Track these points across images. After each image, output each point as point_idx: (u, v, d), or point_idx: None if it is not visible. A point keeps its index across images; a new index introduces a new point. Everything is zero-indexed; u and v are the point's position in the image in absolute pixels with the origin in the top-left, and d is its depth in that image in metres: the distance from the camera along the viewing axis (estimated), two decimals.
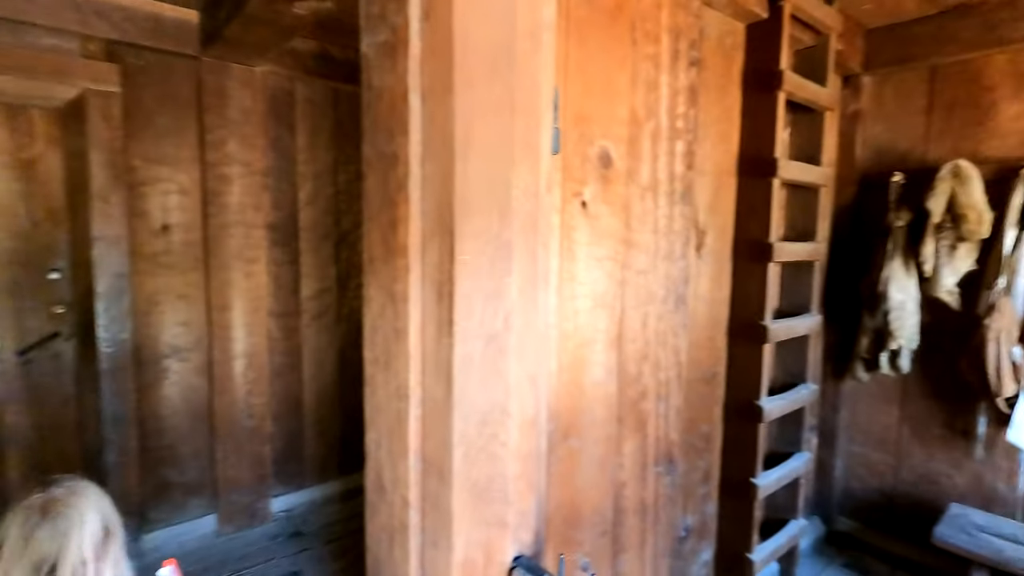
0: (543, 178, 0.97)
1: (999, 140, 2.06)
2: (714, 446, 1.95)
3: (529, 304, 0.97)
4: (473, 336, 0.92)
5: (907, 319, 2.16)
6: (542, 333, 1.01)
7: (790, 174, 1.83)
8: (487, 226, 0.91)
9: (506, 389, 0.95)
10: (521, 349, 0.96)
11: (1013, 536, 1.91)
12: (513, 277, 0.93)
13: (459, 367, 0.93)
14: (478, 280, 0.92)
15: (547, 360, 1.08)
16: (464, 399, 0.93)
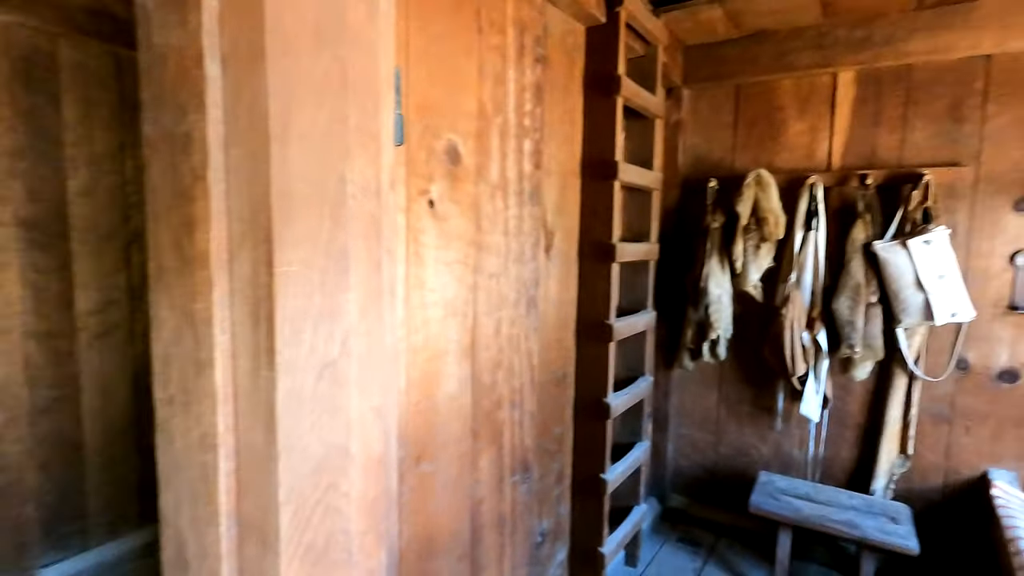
0: (386, 173, 0.82)
1: (788, 153, 2.38)
2: (566, 447, 1.96)
3: (373, 322, 0.81)
4: (302, 367, 0.74)
5: (723, 311, 2.40)
6: (389, 354, 0.86)
7: (629, 177, 1.89)
8: (316, 230, 0.73)
9: (347, 427, 0.78)
10: (364, 377, 0.80)
11: (807, 495, 2.22)
12: (352, 292, 0.77)
13: (284, 406, 0.74)
14: (307, 297, 0.74)
15: (396, 384, 0.93)
16: (293, 445, 0.75)
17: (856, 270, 2.15)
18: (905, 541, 1.91)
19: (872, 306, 2.15)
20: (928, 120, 2.11)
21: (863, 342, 2.14)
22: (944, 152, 2.09)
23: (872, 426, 2.28)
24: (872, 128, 2.21)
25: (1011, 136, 1.99)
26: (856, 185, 2.20)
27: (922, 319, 2.03)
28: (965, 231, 2.07)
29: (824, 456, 2.39)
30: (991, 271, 2.05)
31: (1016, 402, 2.04)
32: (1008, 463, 2.06)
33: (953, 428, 2.15)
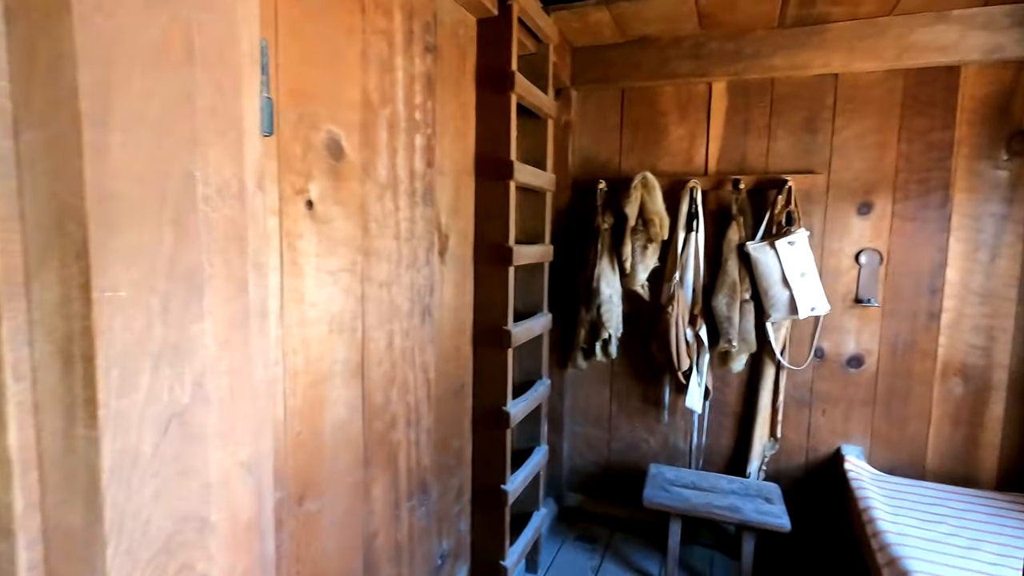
0: (251, 169, 0.66)
1: (670, 157, 2.48)
2: (465, 460, 1.86)
3: (238, 355, 0.65)
4: (138, 420, 0.57)
5: (614, 311, 2.45)
6: (262, 390, 0.70)
7: (524, 178, 1.84)
8: (154, 242, 0.56)
9: (205, 491, 0.62)
10: (228, 424, 0.64)
11: (693, 483, 2.33)
12: (207, 319, 0.61)
13: (113, 473, 0.56)
14: (143, 330, 0.56)
15: (270, 425, 0.77)
16: (126, 523, 0.57)
17: (732, 269, 2.29)
18: (779, 520, 2.06)
19: (746, 302, 2.30)
20: (789, 131, 2.30)
21: (739, 336, 2.29)
22: (802, 160, 2.29)
23: (746, 414, 2.45)
24: (743, 136, 2.36)
25: (854, 148, 2.23)
26: (730, 189, 2.34)
27: (788, 313, 2.21)
28: (820, 233, 2.29)
29: (706, 445, 2.53)
30: (841, 268, 2.28)
31: (862, 384, 2.29)
32: (856, 439, 2.32)
33: (812, 411, 2.37)
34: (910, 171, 2.17)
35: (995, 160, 2.07)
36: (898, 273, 2.21)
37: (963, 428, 2.18)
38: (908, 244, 2.19)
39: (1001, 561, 1.64)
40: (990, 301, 2.11)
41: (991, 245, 2.10)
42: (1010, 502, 2.01)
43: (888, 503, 1.98)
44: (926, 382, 2.21)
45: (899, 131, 2.17)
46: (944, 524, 1.85)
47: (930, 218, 2.16)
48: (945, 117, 2.11)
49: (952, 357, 2.17)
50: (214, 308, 0.61)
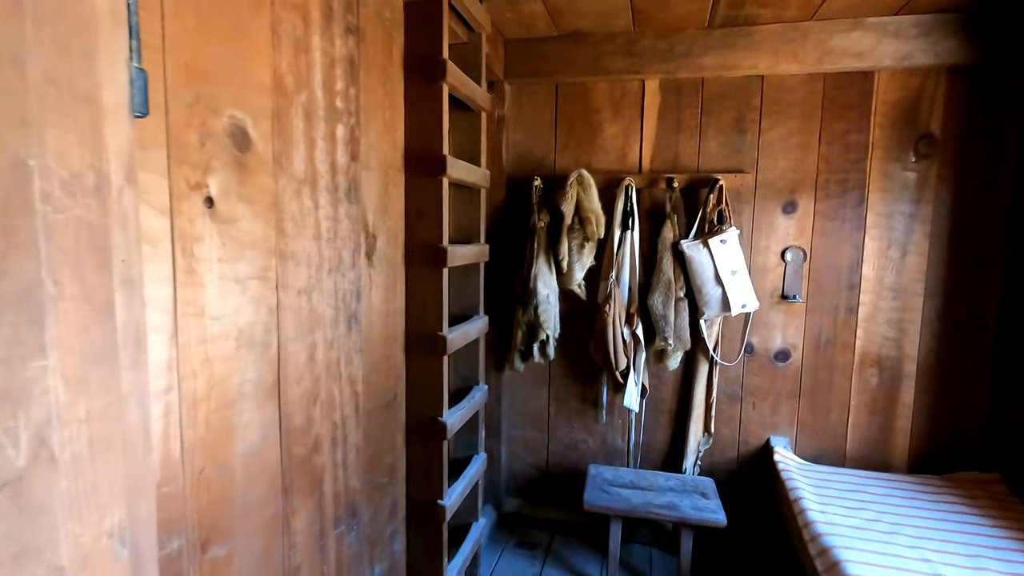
0: (116, 157, 0.52)
1: (604, 155, 2.45)
2: (399, 476, 1.74)
3: (100, 397, 0.51)
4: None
5: (551, 311, 2.39)
6: (135, 436, 0.56)
7: (457, 174, 1.73)
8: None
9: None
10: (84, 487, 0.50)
11: (631, 483, 2.32)
12: (51, 355, 0.46)
13: None
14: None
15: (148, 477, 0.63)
16: None
17: (667, 267, 2.30)
18: (715, 515, 2.08)
19: (680, 300, 2.31)
20: (719, 130, 2.33)
21: (674, 334, 2.30)
22: (732, 160, 2.33)
23: (681, 410, 2.48)
24: (675, 134, 2.37)
25: (779, 148, 2.29)
26: (664, 188, 2.34)
27: (720, 311, 2.24)
28: (749, 231, 2.34)
29: (643, 442, 2.54)
30: (768, 266, 2.34)
31: (788, 378, 2.37)
32: (784, 430, 2.40)
33: (743, 405, 2.43)
34: (830, 171, 2.25)
35: (904, 162, 2.19)
36: (820, 269, 2.30)
37: (878, 416, 2.30)
38: (829, 242, 2.28)
39: (919, 544, 1.73)
40: (901, 296, 2.24)
41: (902, 243, 2.22)
42: (921, 484, 2.14)
43: (815, 492, 2.05)
44: (846, 373, 2.32)
45: (820, 133, 2.25)
46: (867, 511, 1.93)
47: (848, 217, 2.25)
48: (861, 120, 2.20)
49: (868, 349, 2.29)
50: (63, 339, 0.47)
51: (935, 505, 1.98)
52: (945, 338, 2.21)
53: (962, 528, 1.82)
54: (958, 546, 1.72)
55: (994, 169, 2.10)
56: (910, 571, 1.59)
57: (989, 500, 2.02)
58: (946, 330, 2.20)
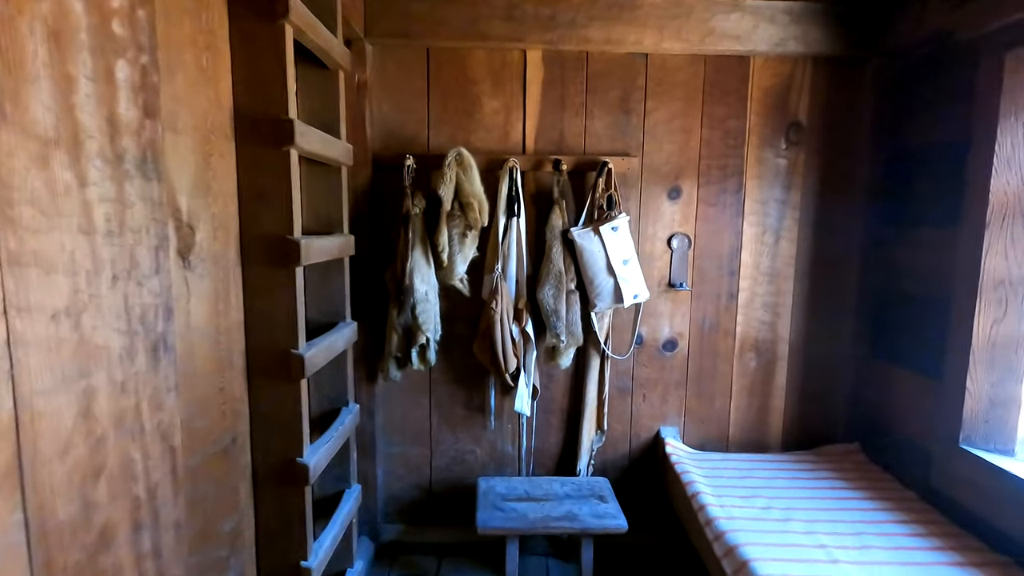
0: None
1: (485, 132, 2.19)
2: (244, 540, 1.33)
3: None
4: None
5: (431, 310, 2.09)
6: None
7: (311, 145, 1.35)
8: None
9: None
10: None
11: (525, 494, 2.13)
12: None
13: None
14: None
15: None
16: None
17: (557, 258, 2.11)
18: (615, 521, 1.96)
19: (571, 293, 2.14)
20: (605, 110, 2.18)
21: (567, 330, 2.13)
22: (618, 142, 2.20)
23: (574, 409, 2.33)
24: (560, 112, 2.18)
25: (663, 131, 2.20)
26: (551, 170, 2.15)
27: (613, 303, 2.11)
28: (636, 217, 2.23)
29: (535, 447, 2.35)
30: (655, 253, 2.27)
31: (676, 367, 2.33)
32: (673, 420, 2.36)
33: (634, 398, 2.35)
34: (711, 157, 2.22)
35: (777, 149, 2.22)
36: (704, 256, 2.27)
37: (756, 399, 2.35)
38: (711, 228, 2.26)
39: (812, 528, 1.74)
40: (775, 280, 2.29)
41: (775, 228, 2.26)
42: (797, 462, 2.21)
43: (709, 484, 2.01)
44: (728, 359, 2.33)
45: (702, 117, 2.20)
46: (758, 498, 1.93)
47: (728, 203, 2.24)
48: (739, 106, 2.19)
49: (747, 334, 2.32)
50: None
51: (814, 483, 2.04)
52: (812, 320, 2.30)
53: (843, 505, 1.88)
54: (844, 525, 1.76)
55: (852, 158, 2.21)
56: (812, 561, 1.58)
57: (855, 471, 2.14)
58: (813, 312, 2.30)
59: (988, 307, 1.66)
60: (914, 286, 2.02)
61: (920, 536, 1.69)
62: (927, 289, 1.95)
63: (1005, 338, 1.66)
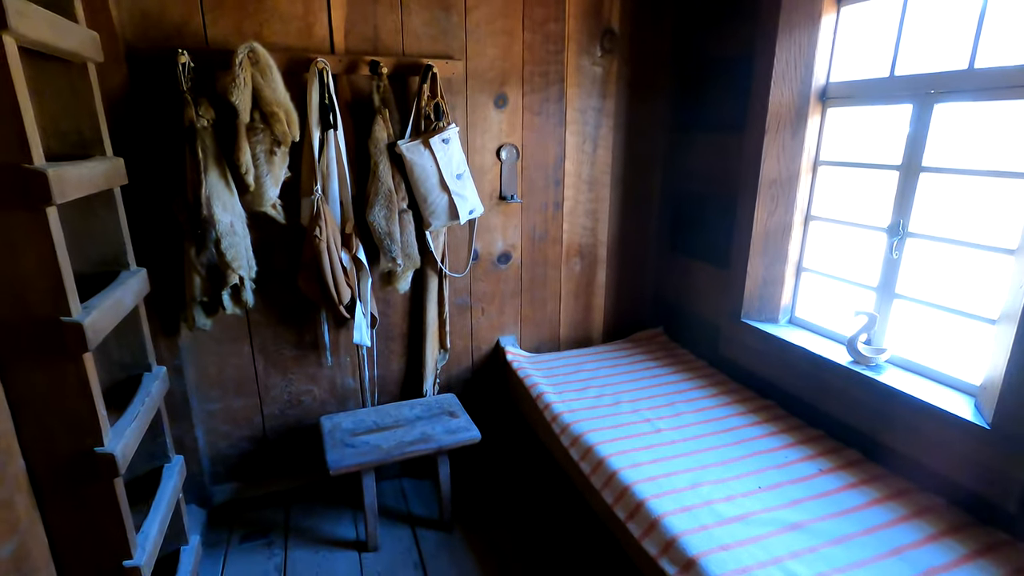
0: None
1: (281, 24, 1.81)
2: (34, 558, 1.05)
3: None
4: None
5: (240, 243, 1.78)
6: None
7: (37, 32, 0.95)
8: None
9: None
10: None
11: (376, 425, 2.06)
12: None
13: None
14: None
15: None
16: None
17: (385, 175, 1.92)
18: (469, 433, 2.02)
19: (404, 213, 2.00)
20: (421, 4, 1.95)
21: (403, 252, 2.00)
22: (440, 44, 2.01)
23: (414, 332, 2.27)
24: (371, 5, 1.89)
25: (486, 33, 2.07)
26: (368, 74, 1.89)
27: (448, 220, 2.02)
28: (464, 128, 2.12)
29: (378, 376, 2.26)
30: (485, 166, 2.21)
31: (510, 278, 2.38)
32: (511, 329, 2.45)
33: (473, 312, 2.36)
34: (534, 63, 2.17)
35: (593, 56, 2.25)
36: (531, 167, 2.28)
37: (582, 299, 2.55)
38: (536, 138, 2.26)
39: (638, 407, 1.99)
40: (595, 188, 2.42)
41: (593, 137, 2.35)
42: (616, 350, 2.49)
43: (549, 383, 2.16)
44: (556, 266, 2.45)
45: (523, 19, 2.10)
46: (590, 388, 2.14)
47: (551, 112, 2.25)
48: (558, 8, 2.14)
49: (572, 240, 2.45)
50: None
51: (632, 367, 2.33)
52: (625, 221, 2.51)
53: (656, 381, 2.19)
54: (660, 399, 2.05)
55: (657, 67, 2.35)
56: (642, 435, 1.82)
57: (661, 350, 2.49)
58: (625, 215, 2.51)
59: (764, 203, 1.97)
60: (706, 187, 2.31)
61: (713, 396, 2.06)
62: (716, 189, 2.24)
63: (775, 228, 2.01)
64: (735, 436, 1.79)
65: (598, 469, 1.67)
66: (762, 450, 1.71)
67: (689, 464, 1.64)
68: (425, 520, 2.13)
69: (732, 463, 1.65)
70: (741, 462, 1.65)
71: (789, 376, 1.93)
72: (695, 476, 1.58)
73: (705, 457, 1.68)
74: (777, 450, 1.71)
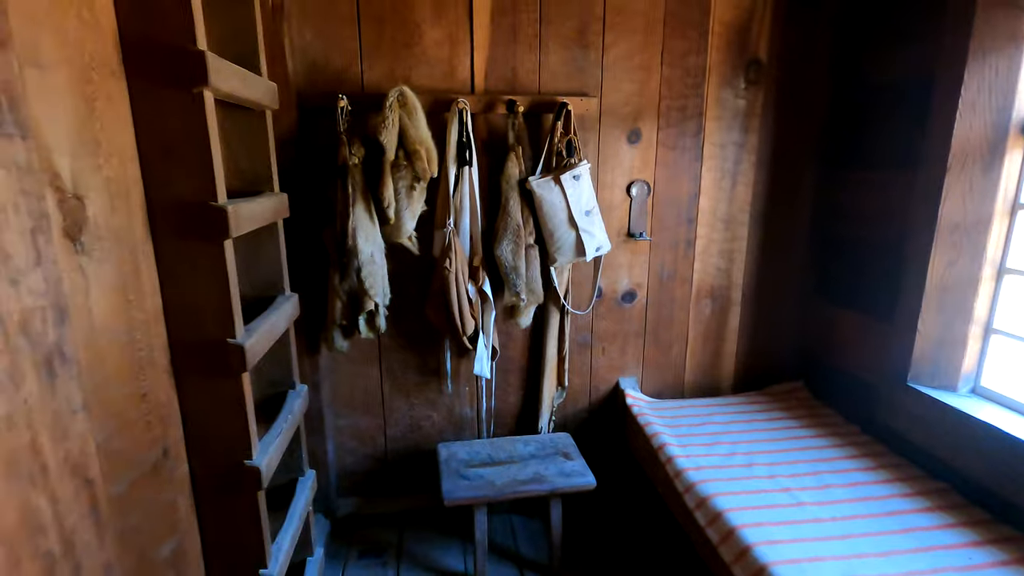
0: None
1: (428, 68, 1.93)
2: (189, 560, 1.15)
3: None
4: None
5: (378, 273, 1.88)
6: None
7: (229, 85, 1.07)
8: None
9: None
10: None
11: (489, 458, 2.05)
12: None
13: None
14: None
15: None
16: None
17: (515, 210, 1.94)
18: (584, 479, 1.93)
19: (530, 248, 2.00)
20: (560, 44, 1.98)
21: (527, 287, 2.00)
22: (575, 81, 2.02)
23: (533, 367, 2.24)
24: (512, 46, 1.95)
25: (622, 69, 2.04)
26: (504, 112, 1.94)
27: (574, 256, 1.99)
28: (595, 163, 2.09)
29: (494, 408, 2.26)
30: (614, 202, 2.15)
31: (634, 318, 2.28)
32: (631, 371, 2.34)
33: (593, 351, 2.29)
34: (672, 97, 2.09)
35: (736, 89, 2.12)
36: (662, 204, 2.19)
37: (711, 343, 2.37)
38: (670, 174, 2.16)
39: (774, 472, 1.78)
40: (731, 226, 2.26)
41: (732, 173, 2.20)
42: (749, 403, 2.27)
43: (672, 433, 2.01)
44: (684, 307, 2.31)
45: (662, 53, 2.05)
46: (720, 444, 1.96)
47: (687, 147, 2.15)
48: (700, 41, 2.05)
49: (703, 281, 2.30)
50: None
51: (768, 423, 2.10)
52: (764, 264, 2.31)
53: (797, 444, 1.95)
54: (802, 465, 1.82)
55: (808, 97, 2.16)
56: (781, 506, 1.61)
57: (801, 408, 2.23)
58: (765, 256, 2.30)
59: (943, 250, 1.70)
60: (864, 228, 2.05)
61: (869, 470, 1.78)
62: (877, 232, 1.98)
63: (957, 281, 1.72)
64: (900, 523, 1.52)
65: (728, 540, 1.51)
66: (936, 545, 1.44)
67: (840, 550, 1.42)
68: (533, 563, 2.06)
69: (897, 556, 1.40)
70: (909, 557, 1.39)
71: (970, 457, 1.62)
72: (849, 567, 1.36)
73: (861, 544, 1.44)
74: (957, 548, 1.43)
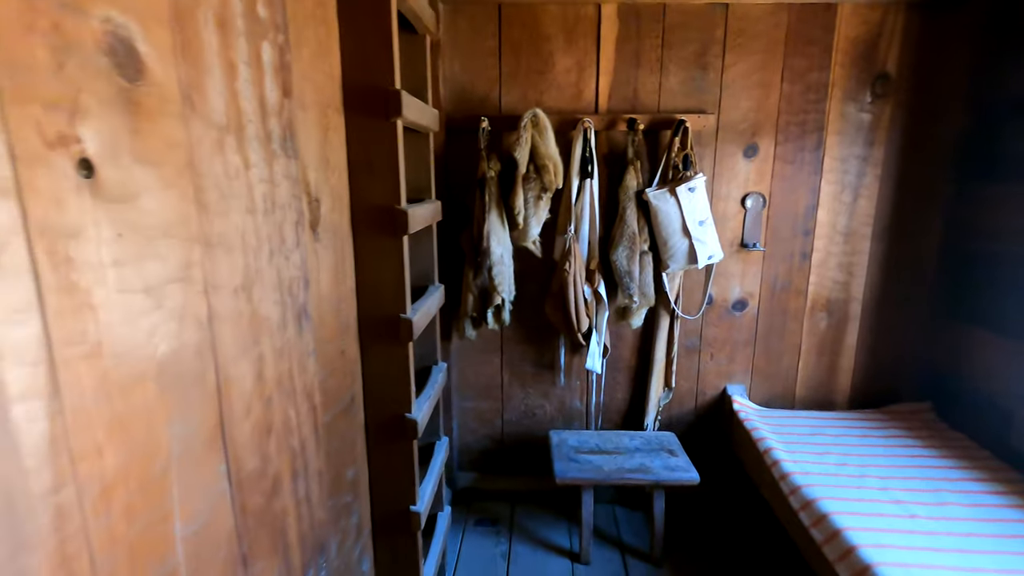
0: None
1: (557, 91, 2.16)
2: (362, 488, 1.45)
3: None
4: None
5: (506, 272, 2.14)
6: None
7: (412, 114, 1.37)
8: None
9: None
10: None
11: (597, 447, 2.22)
12: None
13: None
14: None
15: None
16: None
17: (631, 219, 2.11)
18: (688, 474, 2.04)
19: (644, 254, 2.16)
20: (680, 65, 2.13)
21: (640, 291, 2.15)
22: (693, 99, 2.15)
23: (642, 367, 2.38)
24: (634, 69, 2.13)
25: (742, 86, 2.14)
26: (624, 130, 2.12)
27: (686, 264, 2.12)
28: (711, 176, 2.20)
29: (603, 402, 2.43)
30: (728, 213, 2.24)
31: (744, 326, 2.34)
32: (740, 378, 2.39)
33: (701, 356, 2.38)
34: (791, 112, 2.15)
35: (860, 103, 2.13)
36: (777, 216, 2.24)
37: (826, 357, 2.36)
38: (787, 187, 2.21)
39: (887, 484, 1.78)
40: (851, 240, 2.25)
41: (854, 186, 2.20)
42: (866, 420, 2.23)
43: (780, 440, 2.06)
44: (797, 318, 2.33)
45: (782, 71, 2.12)
46: (831, 454, 1.97)
47: (806, 160, 2.19)
48: (822, 57, 2.10)
49: (819, 293, 2.30)
50: None
51: (885, 440, 2.07)
52: (887, 279, 2.27)
53: (917, 462, 1.91)
54: (919, 482, 1.79)
55: (942, 111, 2.11)
56: (889, 516, 1.62)
57: (926, 429, 2.15)
58: (888, 271, 2.26)
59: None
60: (1000, 244, 1.97)
61: (999, 493, 1.72)
62: (1015, 247, 1.89)
63: None
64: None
65: (832, 540, 1.55)
66: None
67: (954, 562, 1.42)
68: (635, 550, 2.19)
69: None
70: None
71: None
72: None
73: (978, 560, 1.43)
74: None
